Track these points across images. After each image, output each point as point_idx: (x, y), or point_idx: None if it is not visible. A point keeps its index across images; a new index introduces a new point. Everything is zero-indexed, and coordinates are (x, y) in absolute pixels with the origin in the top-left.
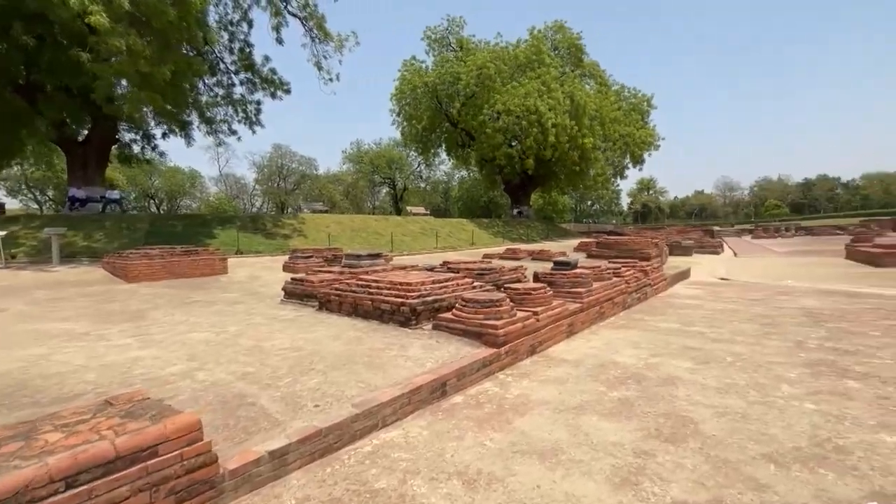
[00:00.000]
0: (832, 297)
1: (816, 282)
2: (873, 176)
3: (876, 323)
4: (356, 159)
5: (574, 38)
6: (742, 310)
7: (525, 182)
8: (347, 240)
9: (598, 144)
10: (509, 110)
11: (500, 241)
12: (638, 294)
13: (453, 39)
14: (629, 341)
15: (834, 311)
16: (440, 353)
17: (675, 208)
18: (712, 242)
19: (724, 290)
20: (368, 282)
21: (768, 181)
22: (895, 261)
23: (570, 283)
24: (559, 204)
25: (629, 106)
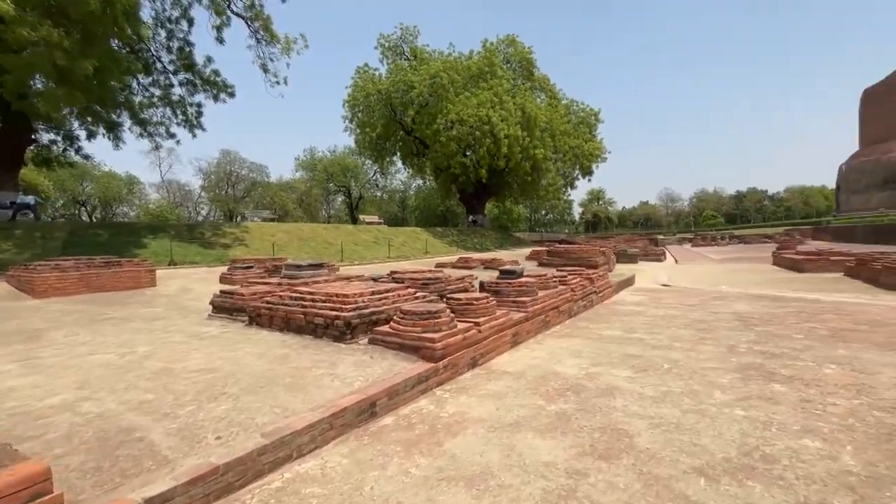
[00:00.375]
0: (761, 301)
1: (748, 287)
2: (795, 189)
3: (799, 326)
4: (309, 167)
5: (525, 51)
6: (680, 315)
7: (479, 191)
8: (295, 249)
9: (549, 156)
10: (462, 120)
11: (454, 250)
12: (584, 301)
13: (407, 48)
14: (572, 350)
15: (763, 316)
16: (373, 371)
17: (622, 218)
18: (655, 251)
19: (665, 296)
20: (303, 294)
21: (705, 193)
22: (815, 266)
23: (516, 292)
24: (514, 213)
25: (578, 119)
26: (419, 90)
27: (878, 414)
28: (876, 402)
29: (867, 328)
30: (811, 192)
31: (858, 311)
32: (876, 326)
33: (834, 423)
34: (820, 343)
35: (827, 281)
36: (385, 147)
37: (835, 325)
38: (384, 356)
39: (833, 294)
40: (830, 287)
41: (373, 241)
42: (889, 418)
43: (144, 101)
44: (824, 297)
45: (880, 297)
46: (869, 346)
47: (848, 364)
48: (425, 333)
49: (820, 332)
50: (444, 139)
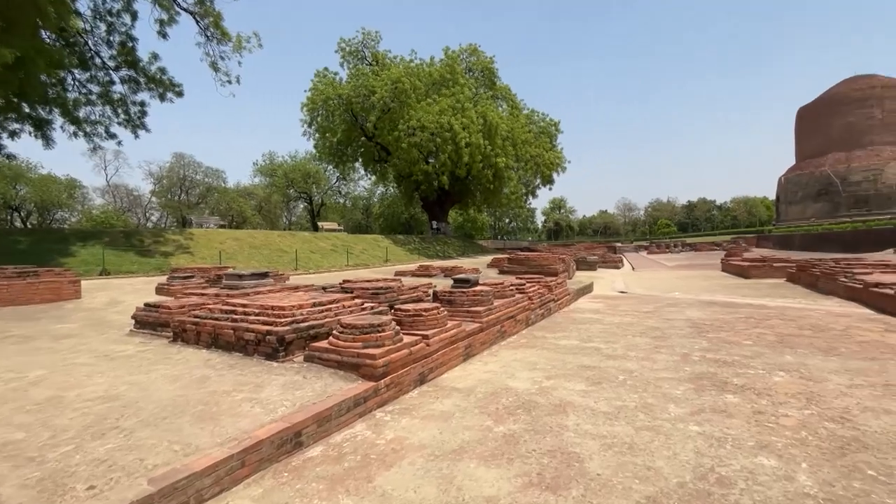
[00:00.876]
0: (712, 307)
1: (699, 293)
2: (740, 199)
3: (748, 332)
4: (269, 172)
5: (487, 61)
6: (636, 322)
7: (442, 199)
8: (245, 258)
9: (511, 164)
10: (424, 126)
11: (415, 257)
12: (542, 310)
13: (368, 53)
14: (527, 362)
15: (714, 322)
16: (304, 393)
17: (583, 226)
18: (613, 258)
19: (622, 303)
20: (235, 306)
21: (660, 203)
22: (760, 273)
23: (470, 301)
24: (478, 221)
25: (539, 129)
26: (380, 95)
27: (829, 426)
28: (825, 412)
29: (810, 333)
30: (754, 202)
31: (801, 316)
32: (818, 331)
33: (787, 436)
34: (769, 350)
35: (771, 286)
36: (346, 153)
37: (781, 331)
38: (320, 376)
39: (777, 300)
40: (775, 292)
41: (331, 248)
42: (840, 429)
43: (80, 99)
44: (770, 302)
45: (819, 301)
46: (814, 352)
47: (796, 371)
48: (366, 349)
49: (768, 337)
50: (406, 145)
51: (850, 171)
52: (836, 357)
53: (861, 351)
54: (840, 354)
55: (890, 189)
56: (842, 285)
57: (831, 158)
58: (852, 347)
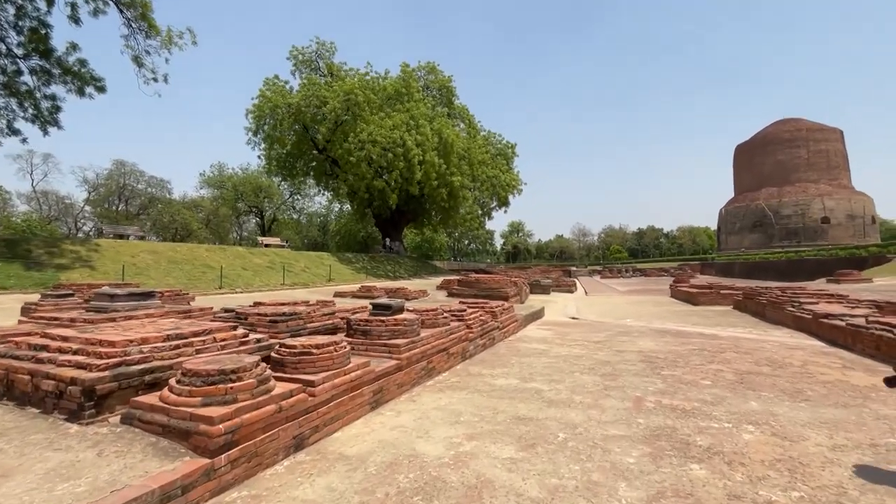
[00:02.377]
0: (664, 337)
1: (651, 320)
2: (685, 228)
3: (704, 368)
4: (217, 184)
5: (446, 80)
6: (585, 355)
7: (396, 217)
8: (160, 274)
9: (467, 184)
10: (375, 141)
11: (362, 277)
12: (484, 339)
13: (323, 64)
14: (450, 412)
15: (667, 355)
16: (72, 487)
17: (540, 250)
18: (567, 282)
19: (573, 330)
20: (52, 339)
21: (612, 229)
22: (708, 300)
23: (389, 332)
24: (436, 242)
25: (496, 151)
26: (332, 106)
27: None
28: (818, 495)
29: (769, 370)
30: (698, 231)
31: (755, 349)
32: (776, 368)
33: None
34: (730, 392)
35: (720, 314)
36: (296, 166)
37: (738, 367)
38: (128, 449)
39: (728, 329)
40: (724, 321)
41: (267, 265)
42: None
43: None
44: (721, 331)
45: (770, 332)
46: (779, 396)
47: (766, 424)
48: (205, 407)
49: (726, 375)
50: (355, 159)
51: (781, 205)
52: (804, 403)
53: (829, 395)
54: (808, 400)
55: (815, 223)
56: (790, 315)
57: (765, 193)
58: (818, 390)
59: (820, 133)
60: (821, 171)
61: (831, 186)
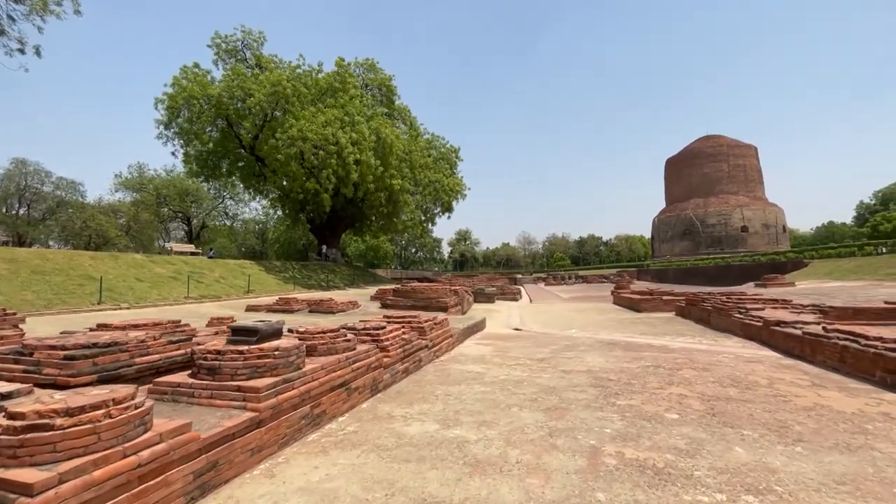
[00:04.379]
0: (613, 351)
1: (597, 330)
2: (622, 237)
3: (665, 394)
4: (136, 186)
5: (386, 78)
6: (527, 379)
7: (333, 222)
8: (15, 287)
9: (408, 188)
10: (306, 137)
11: (289, 287)
12: (406, 364)
13: (250, 54)
14: (320, 496)
15: (620, 375)
16: None
17: (487, 258)
18: (512, 289)
19: (515, 345)
20: None
21: (556, 237)
22: (650, 306)
23: (248, 369)
24: (381, 250)
25: (439, 154)
26: (258, 99)
27: None
28: None
29: (737, 393)
30: (633, 239)
31: (712, 364)
32: (744, 389)
33: None
34: (705, 432)
35: (664, 321)
36: (220, 165)
37: (702, 390)
38: None
39: (678, 339)
40: (671, 329)
41: (171, 275)
42: None
43: None
44: (670, 342)
45: (720, 341)
46: (765, 435)
47: (769, 490)
48: None
49: (693, 404)
50: (284, 157)
51: (707, 214)
52: (800, 447)
53: (820, 430)
54: (802, 440)
55: (736, 231)
56: (738, 322)
57: (692, 203)
58: (805, 423)
59: (738, 149)
60: (740, 184)
61: (749, 198)
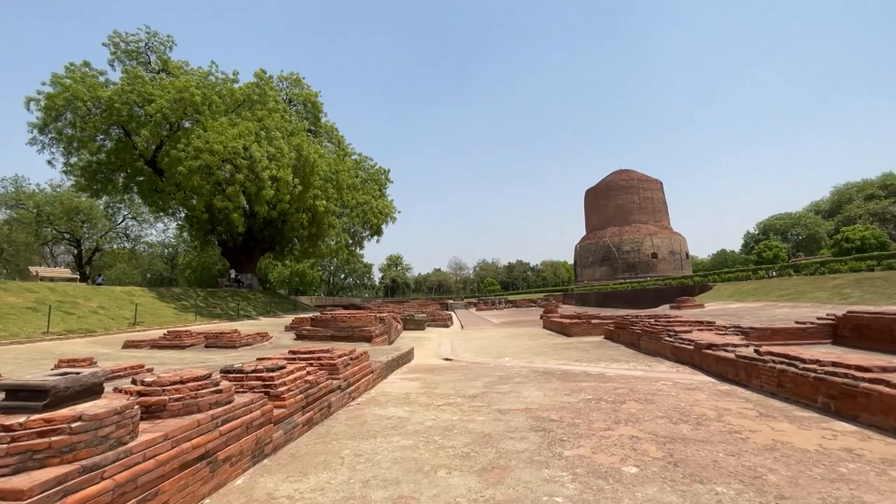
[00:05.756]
0: (550, 382)
1: (531, 358)
2: (548, 263)
3: (615, 436)
4: (11, 202)
5: (312, 94)
6: (458, 425)
7: (250, 245)
8: None
9: (334, 209)
10: (213, 149)
11: (189, 318)
12: (309, 413)
13: (154, 58)
14: None
15: (563, 414)
16: None
17: (419, 283)
18: (443, 315)
19: (444, 378)
20: None
21: (486, 263)
22: (580, 330)
23: (20, 455)
24: (307, 276)
25: (368, 175)
26: (159, 105)
27: None
28: None
29: (690, 430)
30: (558, 265)
31: (654, 393)
32: (697, 426)
33: None
34: (677, 496)
35: (595, 346)
36: (113, 178)
37: (654, 429)
38: None
39: (612, 365)
40: (603, 354)
41: (29, 306)
42: None
43: None
44: (606, 369)
45: (654, 366)
46: (745, 493)
47: None
48: None
49: (649, 449)
50: (187, 170)
51: (622, 242)
52: None
53: (795, 478)
54: (784, 497)
55: (647, 258)
56: (668, 345)
57: (609, 232)
58: (779, 470)
59: (647, 183)
60: (649, 214)
61: (657, 227)
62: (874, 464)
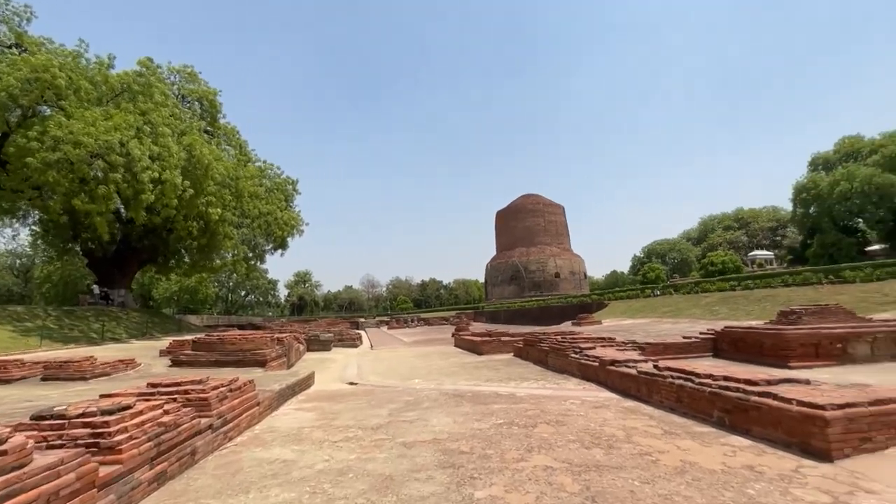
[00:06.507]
0: (461, 406)
1: (441, 379)
2: (460, 281)
3: (528, 468)
4: None
5: (210, 92)
6: (355, 467)
7: (125, 255)
8: None
9: (232, 219)
10: (78, 141)
11: (33, 342)
12: (162, 464)
13: (6, 29)
14: None
15: (473, 444)
16: None
17: (329, 301)
18: (352, 335)
19: (346, 406)
20: None
21: (399, 280)
22: (490, 348)
23: None
24: (201, 293)
25: (273, 185)
26: (7, 83)
27: None
28: None
29: (604, 455)
30: (470, 283)
31: (564, 414)
32: (609, 449)
33: None
34: None
35: (505, 364)
36: None
37: (568, 457)
38: None
39: (522, 384)
40: (513, 372)
41: None
42: None
43: None
44: (516, 388)
45: (562, 384)
46: None
47: None
48: None
49: (565, 483)
50: (39, 163)
51: (529, 262)
52: None
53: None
54: None
55: (551, 277)
56: (575, 362)
57: (518, 252)
58: (693, 497)
59: (551, 207)
60: (553, 237)
61: (560, 249)
62: (775, 482)
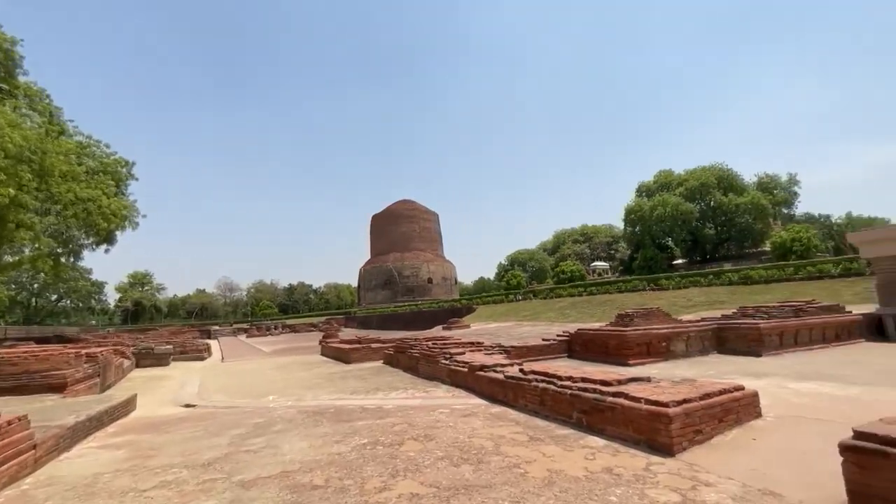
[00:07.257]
0: (320, 425)
1: (301, 393)
2: (331, 285)
3: (393, 498)
4: None
5: (5, 39)
6: None
7: None
8: None
9: (30, 203)
10: None
11: None
12: None
13: None
14: None
15: (329, 474)
16: None
17: (174, 307)
18: (198, 346)
19: (172, 437)
20: None
21: (263, 284)
22: (359, 356)
23: None
24: None
25: (99, 165)
26: None
27: None
28: None
29: (473, 472)
30: (342, 288)
31: (433, 426)
32: (478, 465)
33: None
34: None
35: (374, 372)
36: None
37: (435, 478)
38: None
39: (391, 395)
40: (382, 381)
41: None
42: None
43: None
44: (384, 400)
45: (431, 392)
46: None
47: None
48: None
49: None
50: None
51: (403, 267)
52: None
53: None
54: None
55: (424, 283)
56: (445, 368)
57: (392, 257)
58: None
59: (425, 214)
60: (427, 243)
61: (433, 255)
62: (632, 484)
